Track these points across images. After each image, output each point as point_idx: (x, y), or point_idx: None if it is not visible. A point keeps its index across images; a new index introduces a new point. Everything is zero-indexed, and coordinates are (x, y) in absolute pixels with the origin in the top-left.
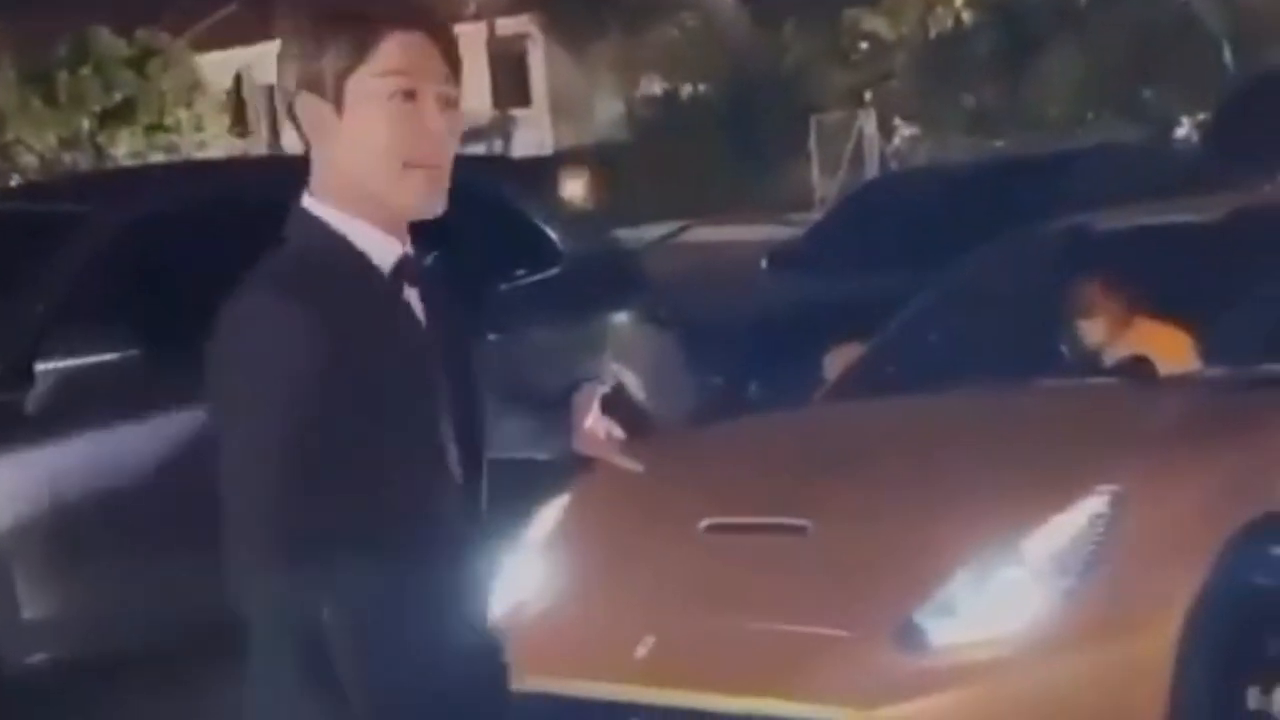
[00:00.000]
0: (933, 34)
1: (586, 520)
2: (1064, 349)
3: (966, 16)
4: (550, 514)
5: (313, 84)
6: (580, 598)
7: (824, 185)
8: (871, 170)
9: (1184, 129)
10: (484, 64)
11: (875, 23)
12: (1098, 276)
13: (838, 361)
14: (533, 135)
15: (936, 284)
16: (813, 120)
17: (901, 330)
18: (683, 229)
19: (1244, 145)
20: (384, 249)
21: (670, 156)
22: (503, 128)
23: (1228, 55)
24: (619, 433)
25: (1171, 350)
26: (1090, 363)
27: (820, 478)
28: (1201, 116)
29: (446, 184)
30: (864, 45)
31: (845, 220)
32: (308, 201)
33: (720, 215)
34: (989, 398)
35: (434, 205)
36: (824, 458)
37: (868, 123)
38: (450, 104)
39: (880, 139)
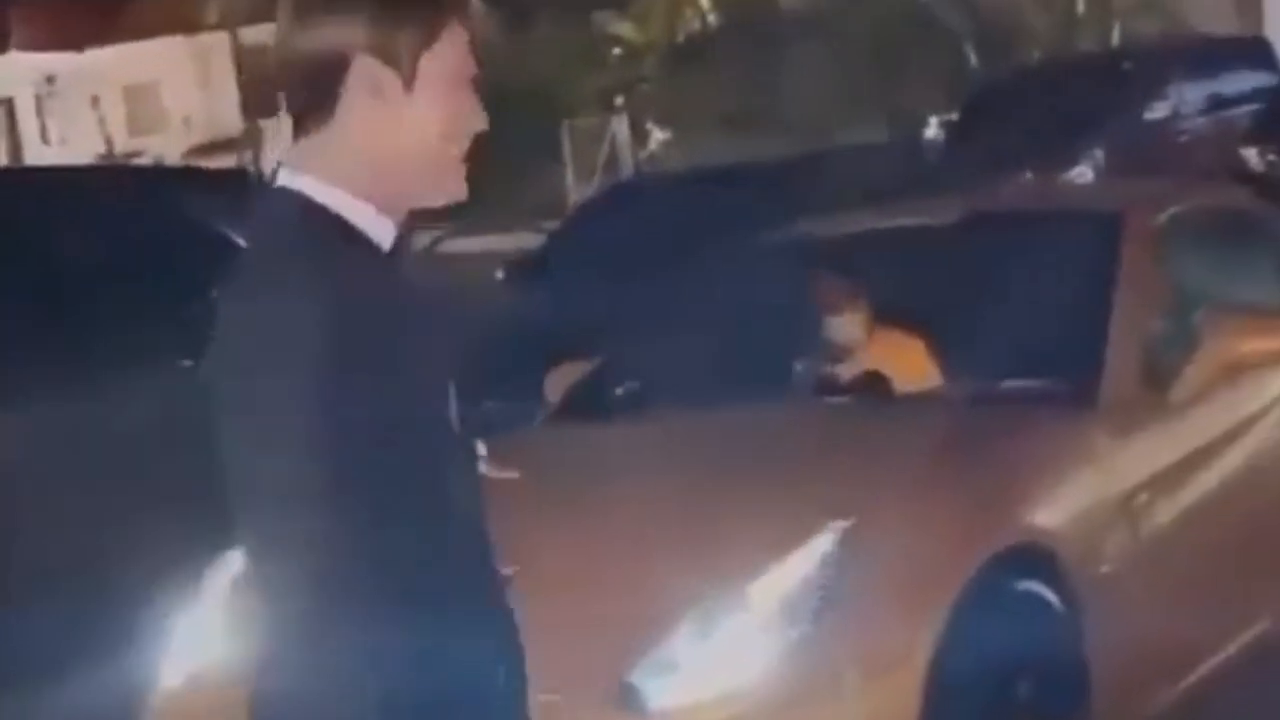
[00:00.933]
0: (681, 37)
1: None
2: (798, 365)
3: (713, 19)
4: (233, 562)
5: (381, 51)
6: None
7: (579, 191)
8: (627, 175)
9: (932, 129)
10: (231, 74)
11: (624, 26)
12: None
13: (560, 382)
14: (285, 146)
15: (661, 297)
16: (565, 125)
17: (626, 348)
18: (437, 240)
19: (986, 144)
20: (381, 229)
21: None
22: (254, 139)
23: (971, 55)
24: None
25: (909, 364)
26: (824, 380)
27: (530, 517)
28: (949, 116)
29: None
30: (616, 51)
31: (582, 229)
32: (299, 182)
33: (474, 223)
34: (716, 423)
35: (462, 191)
36: (534, 493)
37: (620, 127)
38: None
39: (634, 143)
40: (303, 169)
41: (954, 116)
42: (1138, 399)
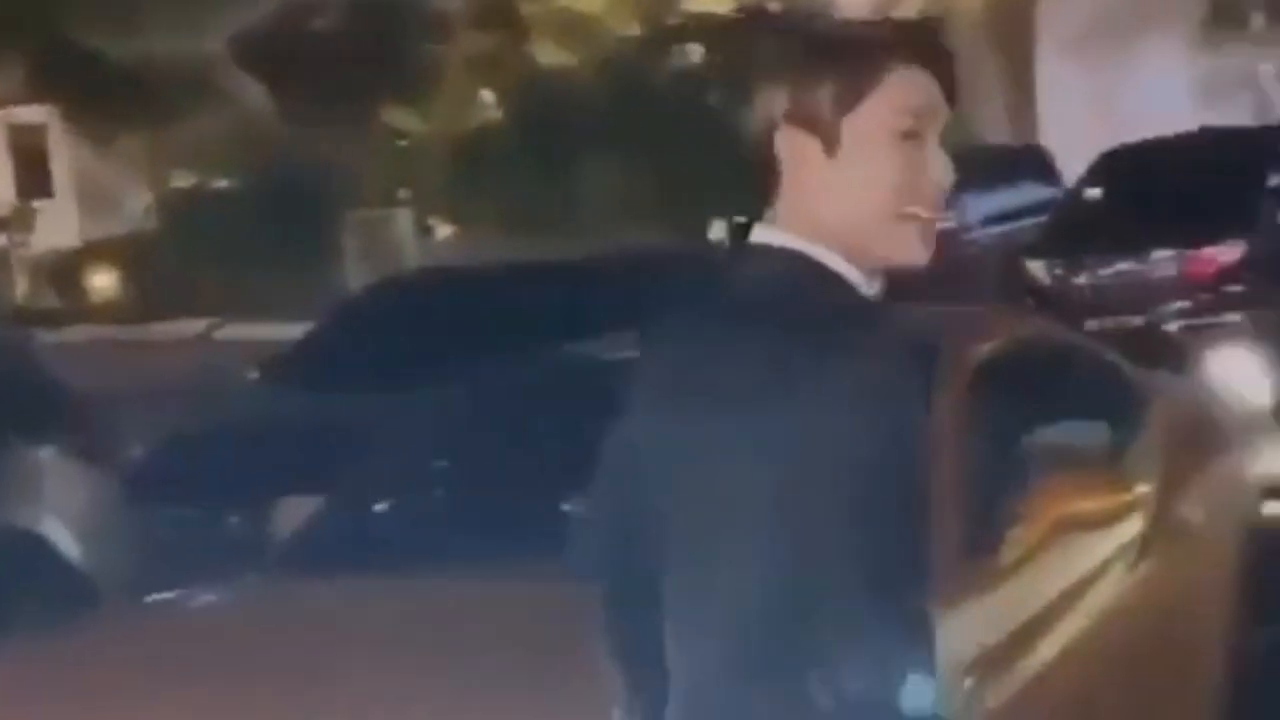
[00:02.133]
0: (467, 130)
1: None
2: (567, 507)
3: (497, 115)
4: None
5: (800, 118)
6: None
7: (360, 283)
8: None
9: (716, 231)
10: (4, 153)
11: (408, 120)
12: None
13: (291, 517)
14: (58, 227)
15: (395, 419)
16: (348, 216)
17: (356, 480)
18: (215, 325)
19: None
20: (865, 284)
21: (203, 251)
22: (25, 220)
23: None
24: None
25: None
26: None
27: (228, 695)
28: (736, 219)
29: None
30: (404, 143)
31: (344, 328)
32: (781, 238)
33: (254, 312)
34: (471, 585)
35: (922, 258)
36: (245, 670)
37: (404, 221)
38: (942, 145)
39: (418, 237)
40: (780, 228)
41: (741, 220)
42: (960, 566)
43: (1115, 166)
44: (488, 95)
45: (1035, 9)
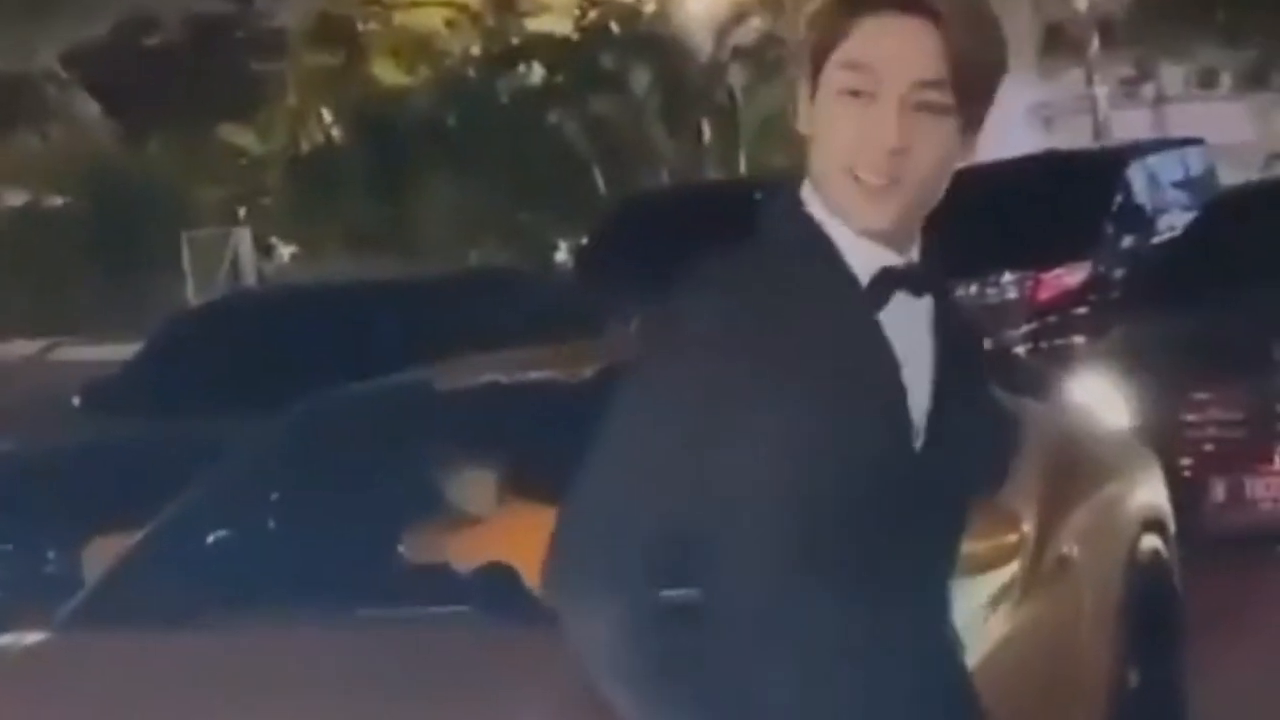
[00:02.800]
0: (305, 149)
1: None
2: (403, 549)
3: (336, 134)
4: None
5: (808, 54)
6: None
7: (202, 302)
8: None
9: (562, 254)
10: None
11: (246, 138)
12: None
13: (102, 558)
14: None
15: (229, 455)
16: (184, 236)
17: (180, 519)
18: (51, 346)
19: (617, 274)
20: (865, 255)
21: (36, 271)
22: None
23: (599, 179)
24: None
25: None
26: (434, 577)
27: None
28: (579, 241)
29: (903, 200)
30: (243, 162)
31: (172, 350)
32: (805, 191)
33: (92, 332)
34: (282, 638)
35: (876, 222)
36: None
37: (243, 240)
38: (932, 109)
39: (258, 257)
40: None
41: (583, 242)
42: None
43: (957, 190)
44: (327, 114)
45: None
